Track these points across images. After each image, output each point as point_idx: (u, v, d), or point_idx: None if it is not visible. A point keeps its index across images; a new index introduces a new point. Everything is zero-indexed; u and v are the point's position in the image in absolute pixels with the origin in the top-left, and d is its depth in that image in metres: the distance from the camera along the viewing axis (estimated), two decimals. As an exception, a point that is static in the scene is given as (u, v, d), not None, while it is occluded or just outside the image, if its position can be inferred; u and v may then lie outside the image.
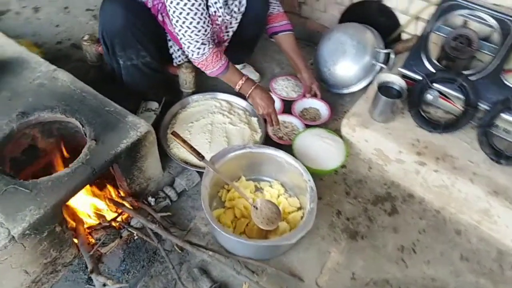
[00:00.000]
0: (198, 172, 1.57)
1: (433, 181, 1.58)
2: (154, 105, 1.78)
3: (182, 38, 1.50)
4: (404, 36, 2.06)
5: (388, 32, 2.07)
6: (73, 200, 1.33)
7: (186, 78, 1.77)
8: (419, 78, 1.71)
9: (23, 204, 1.11)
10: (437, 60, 1.72)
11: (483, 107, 1.60)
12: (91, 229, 1.39)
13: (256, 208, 1.40)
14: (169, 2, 1.42)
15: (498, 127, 1.59)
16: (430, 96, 1.69)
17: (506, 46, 1.62)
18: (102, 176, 1.41)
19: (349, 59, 1.92)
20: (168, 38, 1.68)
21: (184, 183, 1.54)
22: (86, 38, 1.82)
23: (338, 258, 1.43)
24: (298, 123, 1.83)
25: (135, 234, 1.39)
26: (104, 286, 1.15)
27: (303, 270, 1.39)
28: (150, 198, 1.47)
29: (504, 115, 1.55)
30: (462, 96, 1.64)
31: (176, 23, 1.46)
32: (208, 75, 1.63)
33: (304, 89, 1.96)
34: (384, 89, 1.67)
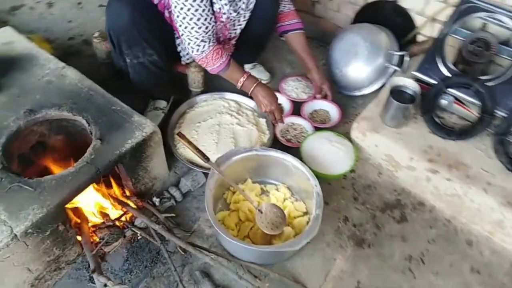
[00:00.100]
0: (204, 173, 1.55)
1: (445, 189, 1.53)
2: (162, 104, 1.77)
3: (183, 34, 1.49)
4: (420, 38, 2.00)
5: (403, 33, 2.01)
6: (78, 197, 1.33)
7: (195, 77, 1.75)
8: (433, 82, 1.66)
9: (26, 203, 1.12)
10: (453, 64, 1.67)
11: (500, 114, 1.55)
12: (95, 227, 1.39)
13: (261, 212, 1.37)
14: None
15: (515, 135, 1.53)
16: (444, 102, 1.63)
17: (527, 51, 1.56)
18: (108, 174, 1.41)
19: (361, 60, 1.87)
20: (176, 36, 1.67)
21: (190, 184, 1.52)
22: (97, 35, 1.81)
23: (343, 266, 1.40)
24: (307, 125, 1.79)
25: (139, 234, 1.39)
26: (105, 286, 1.14)
27: (307, 277, 1.36)
28: (154, 198, 1.47)
29: (522, 123, 1.49)
30: (478, 102, 1.58)
31: (177, 18, 1.45)
32: (215, 74, 1.62)
33: (314, 89, 1.92)
34: (397, 93, 1.62)
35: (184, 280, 1.32)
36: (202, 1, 1.40)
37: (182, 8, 1.41)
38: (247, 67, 2.00)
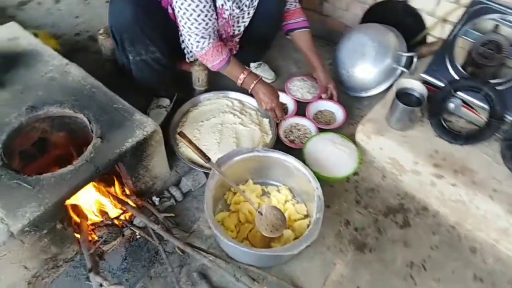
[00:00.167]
0: (205, 173, 1.54)
1: (449, 195, 1.50)
2: (166, 101, 1.76)
3: (183, 30, 1.48)
4: (430, 39, 1.96)
5: (413, 34, 1.97)
6: (78, 195, 1.33)
7: (199, 75, 1.74)
8: (441, 85, 1.62)
9: (25, 200, 1.12)
10: (462, 66, 1.62)
11: (510, 119, 1.51)
12: (94, 225, 1.39)
13: (261, 214, 1.36)
14: None
15: (524, 141, 1.49)
16: (452, 105, 1.59)
17: (539, 54, 1.51)
18: (109, 172, 1.41)
19: (368, 61, 1.84)
20: (180, 33, 1.65)
21: (190, 184, 1.51)
22: (102, 31, 1.81)
23: (343, 270, 1.38)
24: (311, 126, 1.77)
25: (138, 233, 1.38)
26: (100, 286, 1.14)
27: (306, 281, 1.35)
28: (154, 198, 1.46)
29: (532, 129, 1.45)
30: (487, 107, 1.54)
31: (178, 14, 1.44)
32: (220, 73, 1.60)
33: (320, 89, 1.89)
34: (403, 95, 1.58)
35: (181, 281, 1.31)
36: None
37: (182, 3, 1.39)
38: (252, 66, 1.98)
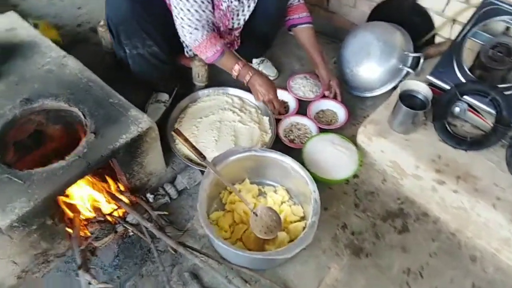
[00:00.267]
0: (201, 171, 1.52)
1: (451, 201, 1.46)
2: (165, 96, 1.74)
3: (176, 21, 1.45)
4: (438, 40, 1.90)
5: (421, 33, 1.92)
6: (72, 190, 1.32)
7: (199, 71, 1.71)
8: (447, 87, 1.57)
9: (15, 195, 1.10)
10: (469, 69, 1.57)
11: (517, 125, 1.46)
12: (87, 221, 1.37)
13: (256, 215, 1.33)
14: None
15: (531, 149, 1.44)
16: (457, 109, 1.55)
17: (550, 59, 1.45)
18: (103, 167, 1.39)
19: (373, 61, 1.79)
20: None
21: (186, 182, 1.49)
22: (102, 23, 1.78)
23: (337, 275, 1.36)
24: (312, 126, 1.73)
25: (130, 230, 1.37)
26: (89, 284, 1.13)
27: (299, 284, 1.32)
28: (148, 195, 1.44)
29: (539, 137, 1.40)
30: (494, 112, 1.49)
31: (172, 3, 1.41)
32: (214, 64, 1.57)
33: (322, 87, 1.84)
34: (407, 97, 1.54)
35: (172, 280, 1.29)
36: None
37: None
38: (255, 62, 1.95)
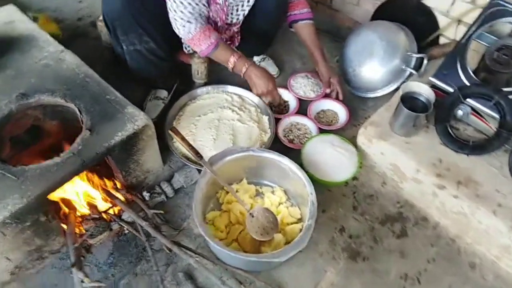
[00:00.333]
0: (198, 170, 1.50)
1: (451, 206, 1.43)
2: (163, 93, 1.72)
3: (170, 14, 1.42)
4: (442, 40, 1.87)
5: (425, 34, 1.88)
6: (67, 186, 1.31)
7: (198, 68, 1.69)
8: (450, 90, 1.54)
9: (8, 191, 1.09)
10: (474, 71, 1.54)
11: (521, 130, 1.43)
12: (83, 218, 1.36)
13: (252, 216, 1.32)
14: None
15: (534, 155, 1.41)
16: (460, 112, 1.52)
17: (557, 63, 1.42)
18: (100, 164, 1.37)
19: (376, 61, 1.76)
20: None
21: (182, 180, 1.48)
22: (101, 18, 1.76)
23: (333, 279, 1.34)
24: (312, 126, 1.71)
25: (126, 228, 1.36)
26: (82, 282, 1.12)
27: (295, 287, 1.31)
28: (145, 193, 1.43)
29: (543, 143, 1.37)
30: (497, 116, 1.46)
31: None
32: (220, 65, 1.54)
33: (324, 84, 1.81)
34: (409, 99, 1.51)
35: (166, 280, 1.28)
36: None
37: None
38: (256, 59, 1.92)
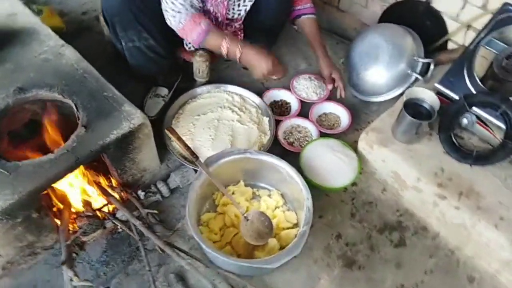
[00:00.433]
0: (195, 170, 1.48)
1: (452, 217, 1.40)
2: (164, 91, 1.70)
3: (162, 5, 1.40)
4: (451, 46, 1.82)
5: (433, 38, 1.83)
6: (63, 182, 1.30)
7: (200, 66, 1.66)
8: (456, 97, 1.50)
9: (0, 187, 1.08)
10: (481, 79, 1.50)
11: (527, 142, 1.38)
12: (77, 214, 1.36)
13: (247, 220, 1.30)
14: None
15: (540, 168, 1.37)
16: (465, 120, 1.47)
17: None
18: (97, 161, 1.36)
19: (381, 65, 1.72)
20: None
21: (178, 180, 1.46)
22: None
23: (327, 286, 1.32)
24: (313, 129, 1.68)
25: (119, 226, 1.35)
26: (71, 280, 1.11)
27: (287, 293, 1.29)
28: (140, 192, 1.41)
29: (550, 155, 1.33)
30: (503, 126, 1.42)
31: None
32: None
33: (326, 80, 1.76)
34: (413, 106, 1.47)
35: (158, 280, 1.27)
36: None
37: None
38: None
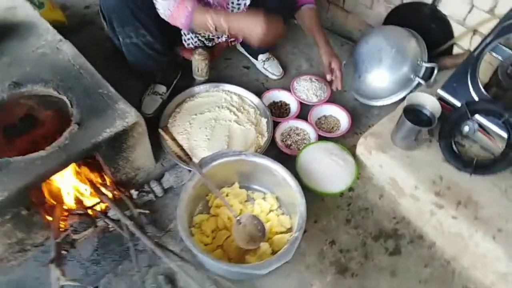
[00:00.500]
0: (189, 170, 1.47)
1: (449, 227, 1.37)
2: (162, 89, 1.68)
3: None
4: (456, 50, 1.78)
5: (438, 42, 1.80)
6: (57, 178, 1.30)
7: (199, 65, 1.65)
8: (458, 104, 1.47)
9: (-11, 183, 1.08)
10: (484, 86, 1.46)
11: (529, 152, 1.35)
12: (69, 212, 1.35)
13: (239, 223, 1.28)
14: None
15: (542, 179, 1.33)
16: (467, 128, 1.44)
17: None
18: (91, 158, 1.35)
19: (384, 68, 1.69)
20: None
21: (172, 180, 1.44)
22: (104, 8, 1.73)
23: (319, 293, 1.30)
24: (311, 132, 1.65)
25: (110, 225, 1.34)
26: (58, 279, 1.10)
27: (278, 299, 1.27)
28: (133, 191, 1.40)
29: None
30: (505, 135, 1.38)
31: None
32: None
33: (325, 70, 1.70)
34: (413, 111, 1.45)
35: (147, 282, 1.26)
36: None
37: None
38: (260, 59, 1.86)
